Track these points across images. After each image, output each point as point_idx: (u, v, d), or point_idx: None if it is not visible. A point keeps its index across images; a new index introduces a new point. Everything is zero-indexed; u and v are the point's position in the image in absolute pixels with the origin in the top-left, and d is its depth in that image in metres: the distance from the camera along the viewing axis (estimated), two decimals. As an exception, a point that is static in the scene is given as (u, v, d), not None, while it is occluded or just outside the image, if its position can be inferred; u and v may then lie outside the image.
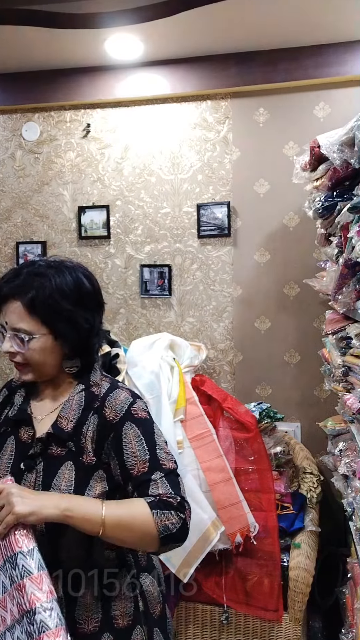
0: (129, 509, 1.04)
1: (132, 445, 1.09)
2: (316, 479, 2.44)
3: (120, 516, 1.02)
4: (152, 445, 1.10)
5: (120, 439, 1.10)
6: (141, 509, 1.03)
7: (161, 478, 1.07)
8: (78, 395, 1.16)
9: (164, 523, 1.02)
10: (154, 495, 1.05)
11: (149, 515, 1.02)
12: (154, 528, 1.01)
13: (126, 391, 1.17)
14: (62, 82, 2.96)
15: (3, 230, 3.18)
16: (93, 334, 1.18)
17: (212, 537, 2.08)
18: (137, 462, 1.08)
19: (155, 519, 1.02)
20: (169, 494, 1.06)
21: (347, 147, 1.81)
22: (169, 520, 1.03)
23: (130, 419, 1.12)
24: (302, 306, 2.83)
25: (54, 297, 1.10)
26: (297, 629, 2.08)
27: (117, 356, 2.44)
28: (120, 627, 1.11)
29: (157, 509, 1.03)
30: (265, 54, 2.70)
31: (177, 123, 2.92)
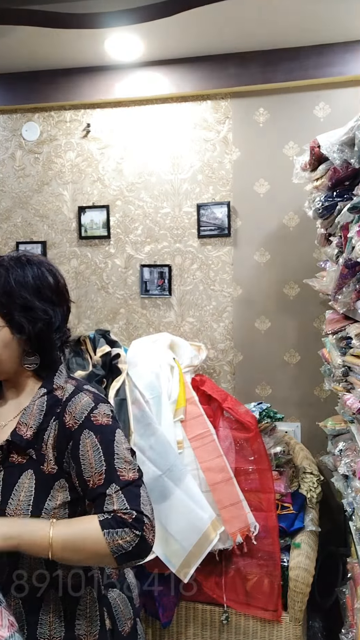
0: (79, 529, 1.00)
1: (89, 455, 1.03)
2: (316, 479, 2.44)
3: (69, 538, 0.98)
4: (109, 454, 1.04)
5: (78, 448, 1.04)
6: (92, 529, 0.98)
7: (117, 492, 1.01)
8: (40, 399, 1.10)
9: (116, 543, 0.97)
10: (108, 511, 1.00)
11: (100, 535, 0.97)
12: (106, 548, 0.96)
13: (89, 395, 1.10)
14: (62, 82, 2.96)
15: (3, 230, 3.18)
16: (52, 329, 1.11)
17: (212, 537, 2.08)
18: (93, 473, 1.03)
19: (107, 539, 0.97)
20: (124, 510, 0.99)
21: (347, 147, 1.81)
22: (122, 539, 0.97)
23: (89, 426, 1.05)
24: (302, 306, 2.83)
25: (10, 285, 1.07)
26: (297, 629, 2.08)
27: (118, 356, 2.45)
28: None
29: (109, 527, 0.97)
30: (265, 54, 2.71)
31: (177, 123, 2.92)
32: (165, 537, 2.08)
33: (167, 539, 2.07)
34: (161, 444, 2.21)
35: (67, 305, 1.18)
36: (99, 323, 3.08)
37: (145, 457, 2.20)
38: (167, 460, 2.17)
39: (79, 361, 2.50)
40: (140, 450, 2.22)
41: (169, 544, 2.07)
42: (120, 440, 1.07)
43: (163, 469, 2.16)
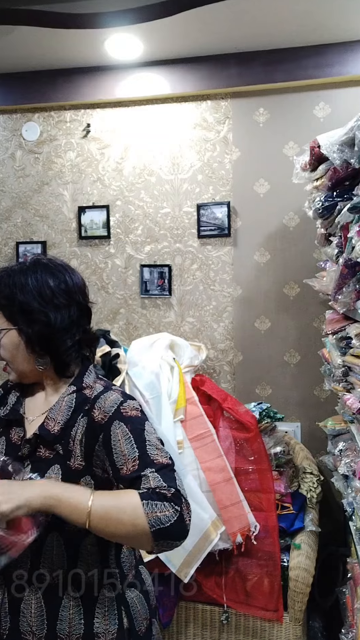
0: (118, 499, 0.99)
1: (121, 444, 1.05)
2: (316, 479, 2.44)
3: (108, 506, 0.97)
4: (142, 442, 1.05)
5: (109, 438, 1.06)
6: (131, 499, 0.96)
7: (152, 472, 1.01)
8: (69, 397, 1.14)
9: (155, 515, 0.94)
10: (147, 488, 0.99)
11: (139, 505, 0.95)
12: (144, 520, 0.94)
13: (118, 392, 1.14)
14: (62, 82, 2.96)
15: (3, 230, 3.18)
16: (53, 330, 1.12)
17: (213, 537, 2.08)
18: (127, 460, 1.03)
19: (146, 510, 0.94)
20: (162, 487, 0.99)
21: (347, 147, 1.81)
22: (161, 512, 0.95)
23: (119, 417, 1.08)
24: (302, 306, 2.83)
25: (10, 290, 1.12)
26: (297, 629, 2.08)
27: (118, 356, 2.45)
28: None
29: (149, 499, 0.96)
30: (265, 54, 2.71)
31: (177, 123, 2.92)
32: (165, 537, 2.08)
33: (167, 539, 2.07)
34: (161, 444, 2.20)
35: (79, 306, 1.18)
36: (99, 323, 3.08)
37: (145, 457, 2.20)
38: (167, 460, 2.17)
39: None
40: (140, 450, 2.22)
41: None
42: (150, 430, 1.09)
43: (163, 469, 2.15)
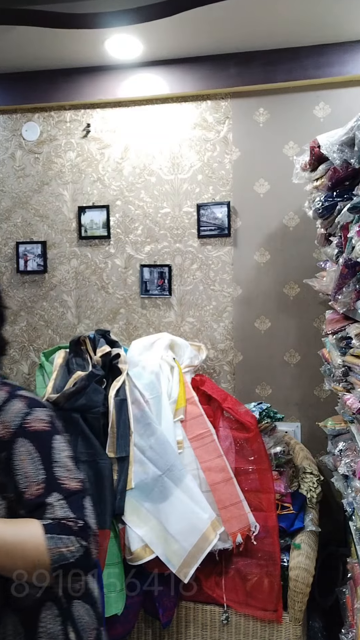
0: (19, 530, 0.89)
1: (25, 465, 0.95)
2: (316, 479, 2.44)
3: (7, 539, 0.87)
4: (49, 462, 0.96)
5: (11, 457, 0.96)
6: (34, 532, 0.88)
7: (59, 501, 0.93)
8: None
9: (59, 551, 0.88)
10: (52, 519, 0.91)
11: (41, 540, 0.87)
12: (46, 557, 0.87)
13: (23, 401, 1.03)
14: (62, 82, 2.96)
15: (3, 230, 3.18)
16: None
17: (212, 537, 2.08)
18: (30, 484, 0.94)
19: (49, 546, 0.87)
20: (69, 518, 0.91)
21: (347, 147, 1.81)
22: (66, 548, 0.88)
23: (23, 434, 0.97)
24: (302, 306, 2.83)
25: None
26: (297, 629, 2.08)
27: (118, 356, 2.45)
28: None
29: (53, 533, 0.88)
30: (265, 54, 2.71)
31: (177, 123, 2.92)
32: (165, 537, 2.08)
33: (167, 539, 2.07)
34: (161, 444, 2.21)
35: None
36: (99, 323, 3.08)
37: (145, 457, 2.20)
38: (167, 460, 2.17)
39: (79, 361, 2.50)
40: (140, 450, 2.22)
41: (169, 544, 2.07)
42: (60, 447, 1.00)
43: (163, 469, 2.16)
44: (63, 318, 3.13)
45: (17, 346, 3.18)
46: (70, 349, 2.56)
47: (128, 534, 2.10)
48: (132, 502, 2.14)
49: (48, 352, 2.73)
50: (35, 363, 3.13)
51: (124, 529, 2.11)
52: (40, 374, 2.65)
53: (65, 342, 2.90)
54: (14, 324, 3.18)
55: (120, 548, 2.10)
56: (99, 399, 2.27)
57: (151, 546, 2.08)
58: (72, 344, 2.56)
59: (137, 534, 2.09)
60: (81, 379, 2.27)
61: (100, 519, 2.06)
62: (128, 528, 2.10)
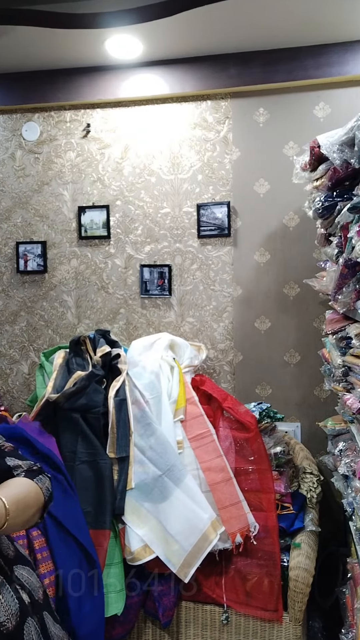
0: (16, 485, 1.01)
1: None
2: (316, 479, 2.44)
3: (17, 495, 0.98)
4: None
5: None
6: (25, 482, 1.02)
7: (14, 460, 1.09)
8: None
9: (45, 486, 1.05)
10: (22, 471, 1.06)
11: (34, 484, 1.03)
12: (41, 494, 1.03)
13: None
14: (62, 82, 2.96)
15: (3, 230, 3.18)
16: None
17: (212, 537, 2.08)
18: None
19: (39, 485, 1.04)
20: (30, 465, 1.08)
21: (347, 147, 1.81)
22: (45, 483, 1.07)
23: None
24: (302, 306, 2.83)
25: None
26: (297, 629, 2.08)
27: (118, 356, 2.45)
28: (10, 630, 1.03)
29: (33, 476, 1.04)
30: (265, 54, 2.71)
31: (177, 123, 2.92)
32: (165, 537, 2.08)
33: (167, 539, 2.08)
34: (161, 444, 2.21)
35: None
36: (99, 323, 3.08)
37: (145, 457, 2.20)
38: (167, 460, 2.17)
39: (79, 361, 2.50)
40: (140, 451, 2.22)
41: (169, 544, 2.07)
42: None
43: (163, 469, 2.16)
44: (63, 318, 3.13)
45: (17, 346, 3.18)
46: (70, 349, 2.56)
47: (128, 534, 2.10)
48: (132, 502, 2.14)
49: (48, 352, 2.73)
50: (35, 363, 3.13)
51: (124, 529, 2.11)
52: (40, 374, 2.65)
53: (65, 342, 2.90)
54: (14, 324, 3.18)
55: (120, 548, 2.10)
56: (99, 399, 2.27)
57: (151, 546, 2.08)
58: (72, 344, 2.56)
59: (137, 534, 2.09)
60: (81, 379, 2.27)
61: (101, 519, 2.07)
62: (128, 528, 2.11)
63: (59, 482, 1.97)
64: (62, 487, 1.97)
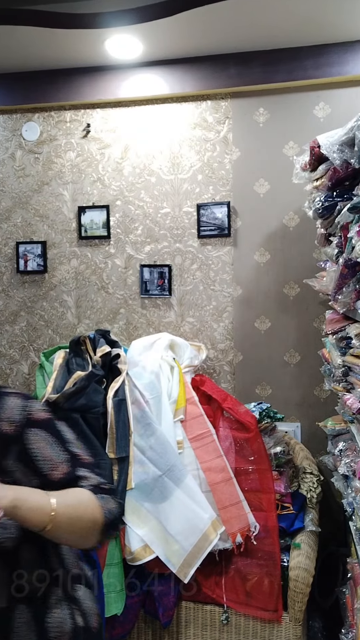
0: (74, 495, 0.97)
1: (44, 451, 1.01)
2: (316, 479, 2.44)
3: (69, 503, 0.94)
4: (64, 444, 1.05)
5: (26, 447, 1.01)
6: (86, 495, 0.97)
7: (87, 472, 1.04)
8: None
9: (108, 507, 0.98)
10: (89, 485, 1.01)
11: (95, 499, 0.97)
12: (101, 513, 0.96)
13: (14, 396, 1.07)
14: (62, 82, 2.96)
15: (3, 230, 3.18)
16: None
17: (212, 537, 2.08)
18: (55, 464, 1.01)
19: (101, 503, 0.98)
20: (102, 483, 1.03)
21: (347, 147, 1.81)
22: (111, 505, 1.00)
23: (31, 424, 1.03)
24: (302, 306, 2.83)
25: None
26: (297, 629, 2.08)
27: (118, 356, 2.45)
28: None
29: (99, 493, 0.99)
30: (265, 54, 2.71)
31: (177, 123, 2.92)
32: (165, 537, 2.08)
33: (167, 539, 2.08)
34: (161, 444, 2.21)
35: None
36: (99, 323, 3.08)
37: (145, 457, 2.20)
38: (167, 460, 2.17)
39: (79, 361, 2.50)
40: (140, 451, 2.22)
41: (169, 544, 2.07)
42: (65, 429, 1.09)
43: (163, 469, 2.16)
44: (63, 318, 3.13)
45: (17, 346, 3.18)
46: (70, 349, 2.56)
47: (128, 534, 2.10)
48: (132, 502, 2.14)
49: (48, 352, 2.73)
50: (35, 363, 3.13)
51: (124, 529, 2.11)
52: (40, 374, 2.65)
53: (65, 342, 2.90)
54: (14, 324, 3.18)
55: (120, 548, 2.10)
56: (99, 399, 2.27)
57: (151, 546, 2.08)
58: (72, 344, 2.56)
59: (137, 534, 2.09)
60: (81, 379, 2.27)
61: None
62: (128, 528, 2.11)
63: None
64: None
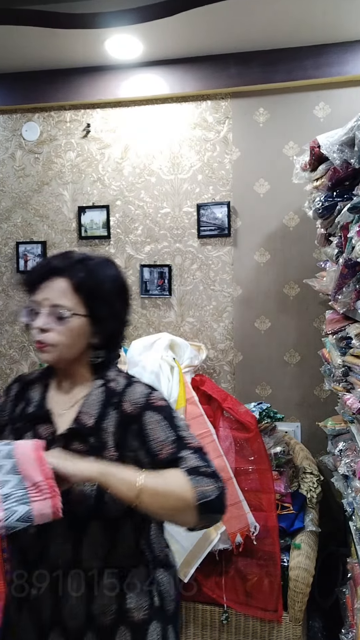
0: (164, 475, 1.03)
1: (155, 432, 1.09)
2: (316, 479, 2.44)
3: (157, 481, 1.01)
4: (174, 427, 1.11)
5: (142, 428, 1.10)
6: (177, 475, 1.03)
7: (190, 454, 1.07)
8: (97, 390, 1.16)
9: (201, 489, 1.00)
10: (188, 467, 1.05)
11: (185, 480, 1.01)
12: (191, 494, 0.99)
13: (142, 385, 1.18)
14: (62, 82, 2.96)
15: (3, 230, 3.18)
16: (124, 328, 1.21)
17: (213, 537, 2.08)
18: (163, 445, 1.08)
19: (193, 484, 1.01)
20: (203, 466, 1.05)
21: (347, 147, 1.81)
22: (207, 486, 1.02)
23: (150, 408, 1.12)
24: (302, 306, 2.83)
25: (102, 281, 1.14)
26: (297, 629, 2.08)
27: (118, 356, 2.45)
28: (135, 620, 1.10)
29: (194, 475, 1.02)
30: (265, 54, 2.71)
31: (177, 123, 2.92)
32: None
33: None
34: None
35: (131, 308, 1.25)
36: (99, 323, 3.07)
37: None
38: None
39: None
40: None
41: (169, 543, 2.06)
42: (178, 417, 1.15)
43: (163, 469, 2.15)
44: (63, 318, 3.12)
45: (17, 346, 3.18)
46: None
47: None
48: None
49: (48, 352, 2.72)
50: (35, 363, 3.13)
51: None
52: (40, 374, 2.64)
53: (65, 342, 2.89)
54: (14, 324, 3.18)
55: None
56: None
57: (151, 546, 2.08)
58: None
59: (137, 534, 2.09)
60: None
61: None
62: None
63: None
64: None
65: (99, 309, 1.12)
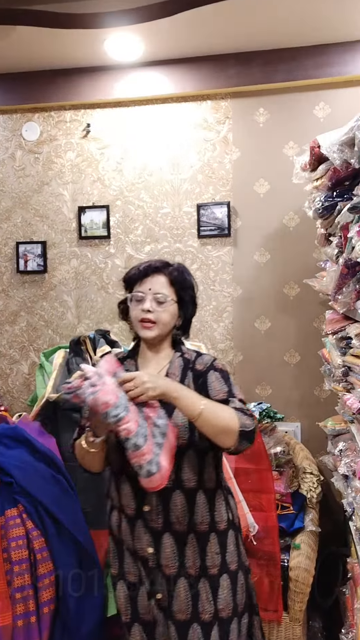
0: (220, 405, 1.37)
1: (215, 384, 1.45)
2: (316, 479, 2.44)
3: (214, 406, 1.34)
4: (228, 383, 1.46)
5: (206, 381, 1.46)
6: (228, 408, 1.36)
7: (236, 400, 1.42)
8: (178, 359, 1.53)
9: (242, 421, 1.33)
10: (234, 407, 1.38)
11: (234, 412, 1.35)
12: (236, 422, 1.32)
13: (208, 355, 1.57)
14: (62, 82, 2.96)
15: (3, 230, 3.18)
16: (194, 313, 1.59)
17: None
18: (218, 392, 1.43)
19: (238, 416, 1.34)
20: (244, 408, 1.40)
21: (347, 147, 1.81)
22: (247, 420, 1.35)
23: (213, 368, 1.49)
24: (302, 306, 2.83)
25: (189, 282, 1.58)
26: (297, 629, 2.08)
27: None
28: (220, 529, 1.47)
29: (239, 411, 1.36)
30: (265, 54, 2.71)
31: (177, 123, 2.92)
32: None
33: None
34: (161, 444, 2.20)
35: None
36: (99, 323, 3.08)
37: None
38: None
39: (79, 361, 2.50)
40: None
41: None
42: (233, 381, 1.50)
43: (163, 469, 2.15)
44: (63, 318, 3.13)
45: (17, 346, 3.18)
46: (70, 349, 2.56)
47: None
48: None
49: (48, 352, 2.73)
50: (35, 363, 3.13)
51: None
52: (40, 374, 2.65)
53: (65, 342, 2.89)
54: (14, 324, 3.18)
55: (120, 548, 2.10)
56: (99, 398, 2.27)
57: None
58: (72, 344, 2.56)
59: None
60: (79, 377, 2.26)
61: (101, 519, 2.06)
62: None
63: (59, 482, 1.97)
64: (63, 487, 1.97)
65: (185, 297, 1.53)
